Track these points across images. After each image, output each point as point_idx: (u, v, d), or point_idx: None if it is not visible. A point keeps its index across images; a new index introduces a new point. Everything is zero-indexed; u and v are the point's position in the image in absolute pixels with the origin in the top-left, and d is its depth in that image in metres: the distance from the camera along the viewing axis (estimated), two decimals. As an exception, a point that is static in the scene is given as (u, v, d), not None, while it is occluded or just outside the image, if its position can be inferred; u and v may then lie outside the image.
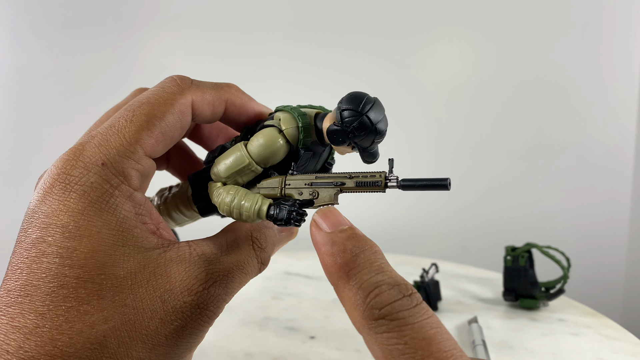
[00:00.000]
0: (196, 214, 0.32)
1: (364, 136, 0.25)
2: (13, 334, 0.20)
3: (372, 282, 0.20)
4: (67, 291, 0.21)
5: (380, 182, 0.24)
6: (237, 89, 0.29)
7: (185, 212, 0.31)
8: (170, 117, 0.25)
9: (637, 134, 1.13)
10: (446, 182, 0.23)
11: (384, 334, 0.19)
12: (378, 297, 0.20)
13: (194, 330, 0.24)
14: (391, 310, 0.19)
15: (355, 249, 0.22)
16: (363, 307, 0.20)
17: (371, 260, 0.21)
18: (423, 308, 0.20)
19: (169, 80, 0.27)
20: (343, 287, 0.21)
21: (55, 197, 0.22)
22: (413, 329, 0.19)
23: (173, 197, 0.32)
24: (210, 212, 0.30)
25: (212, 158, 0.29)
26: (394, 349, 0.18)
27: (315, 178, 0.26)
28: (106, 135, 0.24)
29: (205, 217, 0.32)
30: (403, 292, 0.20)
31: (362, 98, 0.25)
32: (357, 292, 0.20)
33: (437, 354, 0.18)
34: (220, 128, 0.33)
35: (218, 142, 0.33)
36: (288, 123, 0.27)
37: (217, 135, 0.33)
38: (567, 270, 0.64)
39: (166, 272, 0.23)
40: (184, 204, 0.31)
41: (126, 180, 0.24)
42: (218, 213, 0.30)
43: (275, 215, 0.25)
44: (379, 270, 0.21)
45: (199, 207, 0.30)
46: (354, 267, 0.21)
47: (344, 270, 0.21)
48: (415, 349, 0.18)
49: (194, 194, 0.30)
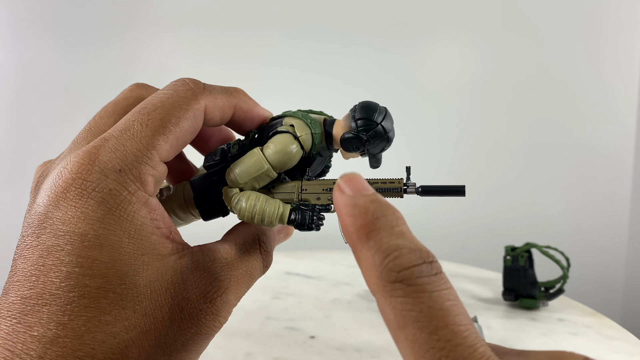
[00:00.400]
0: (192, 217, 0.32)
1: (377, 144, 0.27)
2: (32, 344, 0.20)
3: (392, 245, 0.19)
4: (88, 301, 0.21)
5: (399, 189, 0.26)
6: (244, 94, 0.29)
7: (182, 215, 0.31)
8: (185, 122, 0.25)
9: (637, 134, 1.13)
10: (463, 189, 0.25)
11: (399, 298, 0.18)
12: (397, 260, 0.19)
13: (206, 336, 0.24)
14: (409, 275, 0.18)
15: (377, 212, 0.21)
16: (380, 269, 0.19)
17: (393, 224, 0.20)
18: (442, 278, 0.19)
19: (182, 84, 0.26)
20: (361, 247, 0.20)
21: (71, 203, 0.22)
22: (430, 297, 0.18)
23: (168, 200, 0.31)
24: (213, 216, 0.30)
25: (214, 162, 0.29)
26: (407, 315, 0.18)
27: (333, 184, 0.27)
28: (121, 139, 0.24)
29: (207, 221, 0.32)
30: (424, 258, 0.19)
31: (375, 108, 0.27)
32: (376, 253, 0.20)
33: (452, 326, 0.17)
34: (214, 130, 0.33)
35: (211, 143, 0.32)
36: (302, 130, 0.27)
37: (210, 136, 0.32)
38: (567, 270, 0.64)
39: (183, 280, 0.23)
40: (181, 208, 0.31)
41: (143, 187, 0.23)
42: (220, 216, 0.30)
43: (298, 220, 0.26)
44: (400, 235, 0.20)
45: (202, 211, 0.30)
46: (374, 228, 0.20)
47: (364, 230, 0.20)
48: (430, 319, 0.18)
49: (196, 198, 0.30)
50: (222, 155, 0.29)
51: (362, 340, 0.55)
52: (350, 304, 0.66)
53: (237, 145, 0.29)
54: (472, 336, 0.17)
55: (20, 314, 0.21)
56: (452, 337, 0.17)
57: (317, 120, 0.28)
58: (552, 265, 0.66)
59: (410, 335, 0.18)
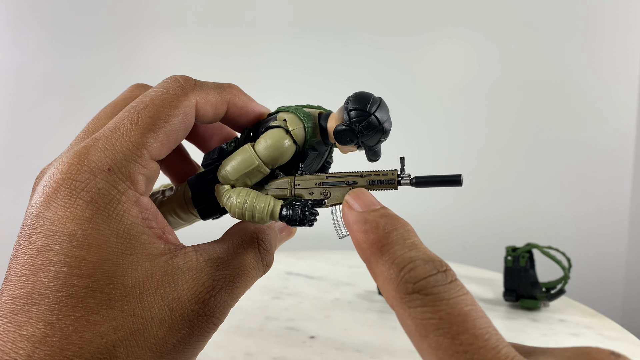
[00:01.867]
0: (193, 217, 0.31)
1: (372, 135, 0.25)
2: (21, 343, 0.20)
3: (406, 257, 0.20)
4: (76, 301, 0.21)
5: (394, 180, 0.25)
6: (238, 90, 0.29)
7: (183, 215, 0.31)
8: (175, 119, 0.25)
9: (637, 134, 1.13)
10: (459, 178, 0.24)
11: (417, 308, 0.19)
12: (412, 272, 0.19)
13: (200, 337, 0.24)
14: (425, 285, 0.19)
15: (388, 226, 0.21)
16: (397, 282, 0.20)
17: (404, 237, 0.21)
18: (458, 285, 0.19)
19: (172, 81, 0.26)
20: (376, 262, 0.21)
21: (61, 203, 0.22)
22: (448, 304, 0.18)
23: (169, 200, 0.31)
24: (211, 215, 0.30)
25: (211, 160, 0.29)
26: (428, 323, 0.18)
27: (326, 178, 0.26)
28: (111, 138, 0.23)
29: (206, 221, 0.31)
30: (438, 268, 0.20)
31: (368, 98, 0.26)
32: (391, 266, 0.20)
33: (473, 330, 0.18)
34: (215, 128, 0.32)
35: (213, 142, 0.32)
36: (294, 124, 0.27)
37: (211, 135, 0.32)
38: (568, 271, 0.64)
39: (174, 280, 0.23)
40: (181, 207, 0.31)
41: (133, 185, 0.23)
42: (219, 215, 0.30)
43: (289, 216, 0.26)
44: (412, 247, 0.21)
45: (200, 210, 0.30)
46: (387, 242, 0.21)
47: (377, 246, 0.21)
48: (450, 324, 0.18)
49: (194, 197, 0.29)
50: (219, 154, 0.28)
51: (361, 340, 0.55)
52: (350, 304, 0.66)
53: (234, 143, 0.29)
54: (494, 338, 0.18)
55: (11, 313, 0.21)
56: (474, 340, 0.17)
57: (311, 113, 0.28)
58: (553, 265, 0.66)
59: (433, 343, 0.18)
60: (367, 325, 0.59)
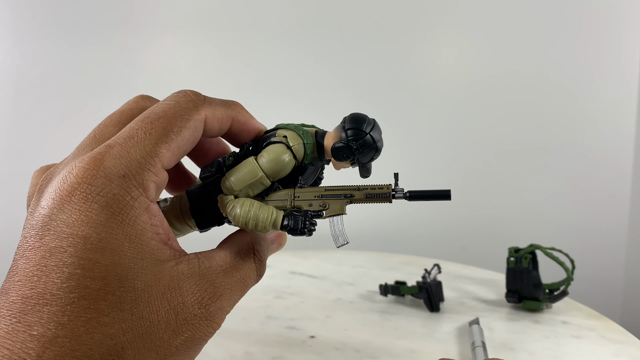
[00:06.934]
0: (188, 228, 0.32)
1: (366, 152, 0.28)
2: (31, 343, 0.20)
3: None
4: (88, 302, 0.21)
5: (388, 194, 0.28)
6: (241, 107, 0.31)
7: (178, 226, 0.32)
8: (186, 132, 0.26)
9: (637, 134, 1.12)
10: (448, 193, 0.27)
11: None
12: None
13: (200, 340, 0.25)
14: None
15: None
16: None
17: None
18: None
19: (183, 95, 0.28)
20: None
21: (76, 207, 0.23)
22: None
23: (165, 212, 0.32)
24: (208, 226, 0.31)
25: (210, 173, 0.30)
26: None
27: (325, 190, 0.29)
28: (126, 146, 0.24)
29: (202, 232, 0.33)
30: None
31: (364, 119, 0.28)
32: None
33: None
34: (212, 143, 0.34)
35: (209, 156, 0.34)
36: (295, 140, 0.29)
37: (208, 149, 0.34)
38: (571, 273, 0.63)
39: (179, 286, 0.24)
40: (177, 219, 0.32)
41: (145, 192, 0.24)
42: (216, 226, 0.31)
43: (290, 225, 0.28)
44: None
45: (197, 221, 0.31)
46: None
47: None
48: None
49: (192, 208, 0.31)
50: (217, 167, 0.30)
51: (361, 340, 0.55)
52: (352, 304, 0.66)
53: (232, 157, 0.30)
54: None
55: (21, 313, 0.21)
56: None
57: (309, 132, 0.30)
58: (556, 266, 0.65)
59: None
60: (367, 326, 0.59)
